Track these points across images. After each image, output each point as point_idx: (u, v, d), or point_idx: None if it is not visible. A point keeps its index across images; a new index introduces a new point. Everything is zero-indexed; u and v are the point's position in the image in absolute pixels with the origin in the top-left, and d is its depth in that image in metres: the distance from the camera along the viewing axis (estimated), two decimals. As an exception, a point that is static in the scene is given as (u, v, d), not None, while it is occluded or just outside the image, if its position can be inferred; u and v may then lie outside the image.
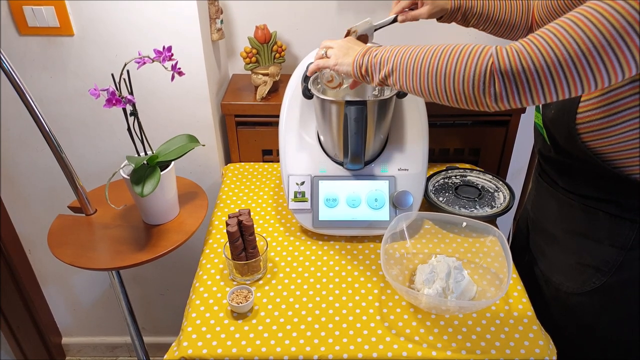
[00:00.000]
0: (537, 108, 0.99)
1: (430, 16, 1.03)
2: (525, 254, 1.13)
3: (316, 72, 1.00)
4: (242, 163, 1.45)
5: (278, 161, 1.43)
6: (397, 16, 1.06)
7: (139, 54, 0.98)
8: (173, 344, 0.95)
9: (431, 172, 1.31)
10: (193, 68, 1.27)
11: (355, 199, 1.13)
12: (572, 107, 0.83)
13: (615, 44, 0.62)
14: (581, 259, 0.95)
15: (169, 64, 1.00)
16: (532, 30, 1.09)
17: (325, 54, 0.95)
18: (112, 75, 0.98)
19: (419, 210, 1.15)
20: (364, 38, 1.06)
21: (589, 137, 0.83)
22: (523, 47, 0.68)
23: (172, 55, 1.00)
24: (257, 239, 1.05)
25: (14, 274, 1.59)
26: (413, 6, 1.05)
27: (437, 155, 1.46)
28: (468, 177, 1.31)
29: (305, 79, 1.11)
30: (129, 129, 1.05)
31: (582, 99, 0.82)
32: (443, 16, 1.05)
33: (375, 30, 1.06)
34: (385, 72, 0.83)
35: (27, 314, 1.69)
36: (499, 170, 1.49)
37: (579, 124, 0.83)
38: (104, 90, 0.96)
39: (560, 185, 0.96)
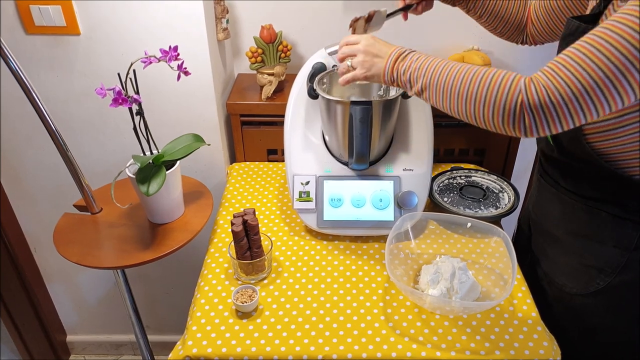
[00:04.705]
0: None
1: None
2: (527, 255, 1.13)
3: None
4: (247, 162, 1.45)
5: (283, 161, 1.43)
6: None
7: (145, 54, 0.98)
8: (178, 343, 0.96)
9: (436, 173, 1.31)
10: (199, 68, 1.27)
11: (360, 199, 1.13)
12: None
13: (638, 62, 0.64)
14: (584, 260, 0.95)
15: (175, 64, 1.01)
16: (525, 28, 1.10)
17: (351, 66, 0.92)
18: (119, 74, 0.99)
19: (424, 210, 1.15)
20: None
21: (595, 138, 0.84)
22: (549, 80, 0.69)
23: (178, 54, 1.00)
24: (261, 238, 1.05)
25: (20, 272, 1.60)
26: None
27: (442, 155, 1.46)
28: (473, 178, 1.31)
29: (311, 78, 1.12)
30: (134, 128, 1.05)
31: None
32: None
33: (388, 16, 1.05)
34: (418, 88, 0.84)
35: (32, 312, 1.70)
36: (504, 170, 1.49)
37: (586, 125, 0.83)
38: (110, 89, 0.96)
39: (562, 186, 0.96)
